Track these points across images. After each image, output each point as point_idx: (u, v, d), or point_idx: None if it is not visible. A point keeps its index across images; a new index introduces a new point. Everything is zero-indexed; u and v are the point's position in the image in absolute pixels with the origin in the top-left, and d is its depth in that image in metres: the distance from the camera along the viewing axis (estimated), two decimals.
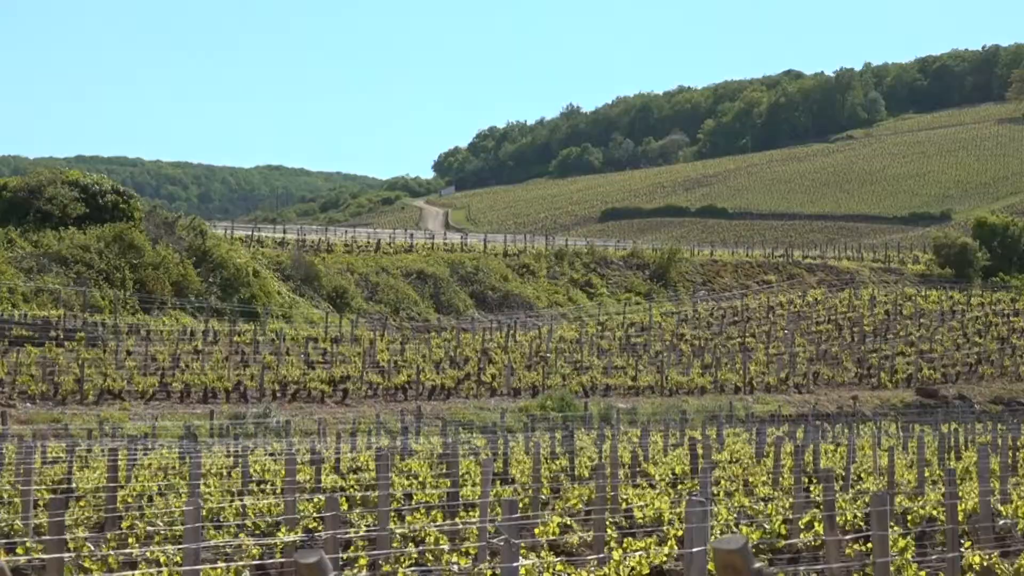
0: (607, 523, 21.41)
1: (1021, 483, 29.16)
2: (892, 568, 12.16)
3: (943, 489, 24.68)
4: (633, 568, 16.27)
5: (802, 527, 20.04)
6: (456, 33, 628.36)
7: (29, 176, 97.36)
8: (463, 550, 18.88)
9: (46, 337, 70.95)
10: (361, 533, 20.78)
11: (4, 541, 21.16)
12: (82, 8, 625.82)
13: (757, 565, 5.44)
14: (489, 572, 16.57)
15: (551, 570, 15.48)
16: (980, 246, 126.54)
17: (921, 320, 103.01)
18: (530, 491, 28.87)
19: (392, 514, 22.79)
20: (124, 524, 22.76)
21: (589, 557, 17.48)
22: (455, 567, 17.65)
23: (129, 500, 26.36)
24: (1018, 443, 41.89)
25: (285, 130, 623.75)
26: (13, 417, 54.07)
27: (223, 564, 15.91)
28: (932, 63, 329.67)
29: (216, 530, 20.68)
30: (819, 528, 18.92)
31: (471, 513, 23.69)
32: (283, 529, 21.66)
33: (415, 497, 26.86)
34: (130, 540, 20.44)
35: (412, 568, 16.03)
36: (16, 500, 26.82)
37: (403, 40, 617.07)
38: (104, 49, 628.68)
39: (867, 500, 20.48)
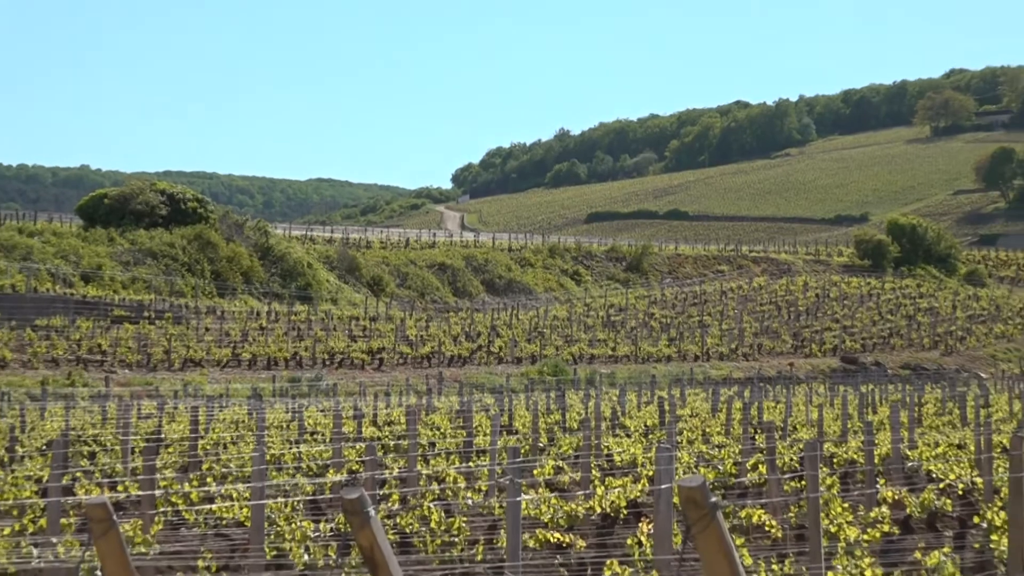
0: (592, 465, 21.41)
1: (925, 433, 29.14)
2: (821, 501, 12.15)
3: (862, 437, 24.65)
4: (613, 502, 16.26)
5: (749, 468, 20.03)
6: (471, 71, 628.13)
7: (125, 187, 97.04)
8: (476, 487, 18.89)
9: (140, 316, 71.01)
10: (394, 474, 20.77)
11: (107, 480, 21.16)
12: (177, 45, 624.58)
13: (713, 499, 5.45)
14: (497, 505, 16.55)
15: (547, 503, 15.47)
16: (892, 242, 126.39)
17: (844, 302, 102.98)
18: (530, 440, 28.88)
19: (419, 458, 22.81)
20: (204, 467, 22.78)
21: (578, 493, 17.45)
22: (469, 501, 17.65)
23: (207, 447, 26.37)
24: (922, 400, 41.92)
25: (332, 149, 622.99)
26: (114, 381, 54.13)
27: (283, 499, 15.90)
28: (854, 95, 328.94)
29: (277, 471, 20.68)
30: (762, 469, 18.90)
31: (482, 458, 23.69)
32: (331, 471, 21.67)
33: (437, 445, 26.86)
34: (208, 480, 20.46)
35: (435, 502, 16.00)
36: (117, 448, 26.86)
37: (430, 76, 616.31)
38: (187, 80, 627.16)
39: (801, 447, 20.47)
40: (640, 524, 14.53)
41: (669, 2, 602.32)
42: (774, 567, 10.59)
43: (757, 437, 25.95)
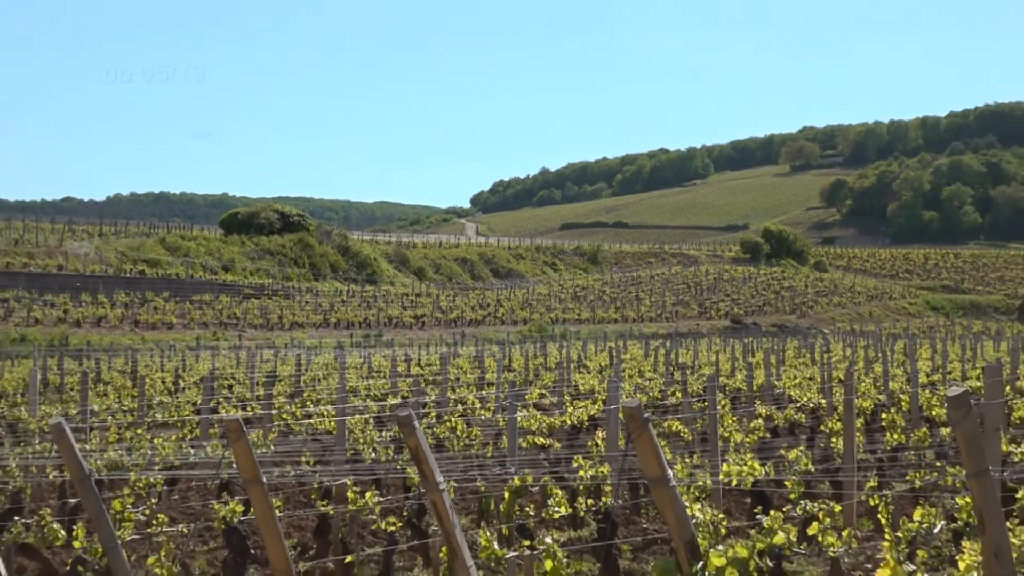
0: (564, 392, 21.40)
1: (787, 370, 29.12)
2: (718, 416, 12.12)
3: (745, 373, 24.65)
4: (579, 417, 16.24)
5: (669, 394, 20.00)
6: (484, 125, 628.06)
7: (251, 207, 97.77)
8: (487, 407, 18.87)
9: (261, 294, 71.22)
10: (431, 399, 20.75)
11: (239, 403, 21.14)
12: (289, 105, 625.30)
13: (645, 415, 5.40)
14: (501, 419, 16.53)
15: (534, 418, 15.43)
16: (765, 242, 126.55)
17: (732, 282, 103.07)
18: (522, 375, 28.88)
19: (448, 388, 22.79)
20: (304, 394, 22.78)
21: (555, 412, 17.43)
22: (482, 416, 17.63)
23: (307, 381, 26.37)
24: (785, 348, 41.93)
25: (391, 179, 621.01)
26: (244, 337, 54.16)
27: (358, 416, 15.87)
28: (739, 144, 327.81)
29: (354, 397, 20.69)
30: (679, 395, 18.89)
31: (490, 388, 23.69)
32: (390, 396, 21.67)
33: (461, 379, 26.88)
34: (308, 403, 20.45)
35: (459, 417, 15.99)
36: (246, 382, 26.85)
37: (455, 129, 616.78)
38: (292, 130, 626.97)
39: (704, 380, 20.43)
40: (597, 432, 14.52)
41: (613, 77, 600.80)
42: (687, 460, 10.56)
43: (675, 373, 25.96)
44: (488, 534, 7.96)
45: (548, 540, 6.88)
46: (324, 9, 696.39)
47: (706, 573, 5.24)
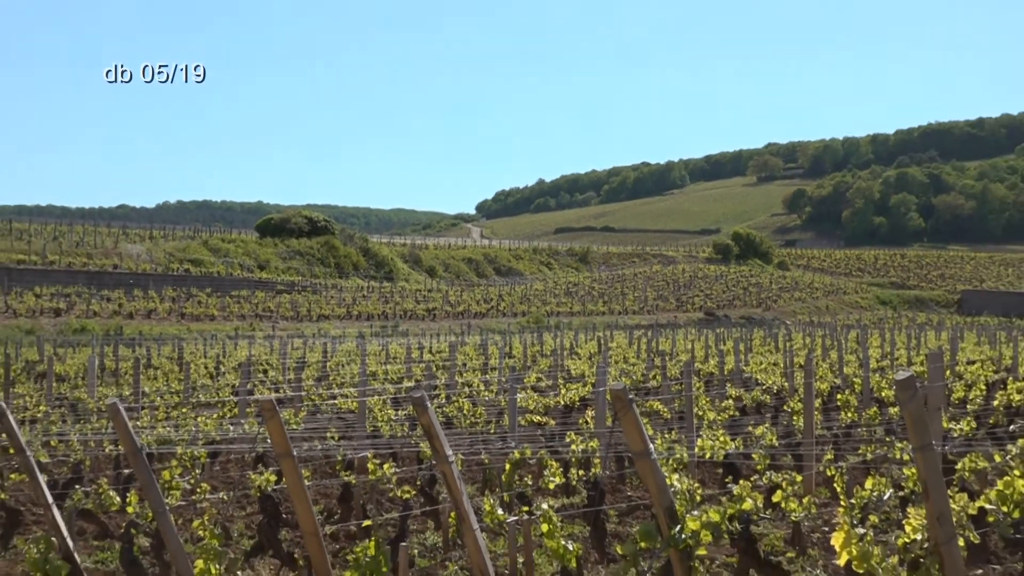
0: (558, 376, 21.42)
1: (754, 356, 29.12)
2: (694, 396, 12.11)
3: (717, 359, 24.68)
4: (571, 397, 16.22)
5: (651, 377, 20.01)
6: (487, 143, 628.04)
7: (283, 213, 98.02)
8: (490, 389, 18.86)
9: (292, 289, 71.03)
10: (441, 382, 20.76)
11: (272, 386, 21.14)
12: (313, 122, 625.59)
13: (630, 396, 5.39)
14: (502, 399, 16.52)
15: (532, 399, 15.43)
16: (735, 244, 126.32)
17: (706, 279, 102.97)
18: (521, 361, 28.85)
19: (456, 373, 22.78)
20: (330, 378, 22.76)
21: (550, 393, 17.44)
22: (486, 397, 17.61)
23: (332, 366, 26.39)
24: (752, 337, 41.90)
25: (406, 189, 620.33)
26: (277, 328, 54.13)
27: (377, 397, 15.86)
28: (712, 158, 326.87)
29: (373, 380, 20.69)
30: (659, 378, 18.89)
31: (493, 372, 23.70)
32: (405, 380, 21.66)
33: (467, 364, 26.86)
34: (333, 385, 20.44)
35: (466, 398, 15.98)
36: (279, 366, 26.85)
37: (462, 146, 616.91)
38: (317, 145, 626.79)
39: (682, 365, 20.45)
40: (587, 411, 14.51)
41: (602, 100, 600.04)
42: (666, 435, 10.55)
43: (655, 359, 25.96)
44: (491, 501, 7.95)
45: (544, 506, 6.87)
46: (354, 43, 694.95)
47: (683, 536, 5.23)
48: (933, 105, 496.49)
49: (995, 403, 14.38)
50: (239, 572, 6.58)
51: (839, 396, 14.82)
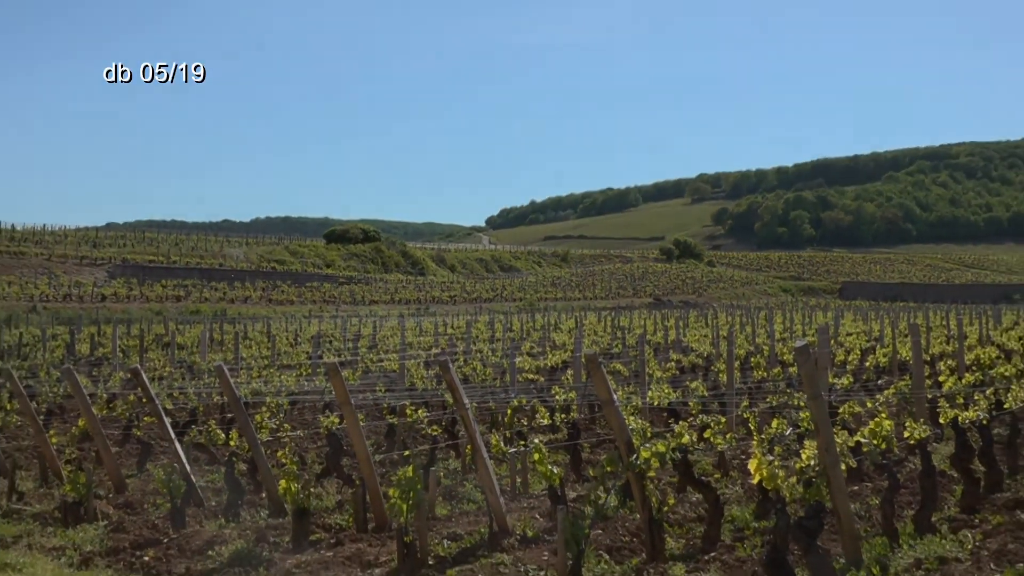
0: (547, 345, 21.37)
1: (690, 330, 28.94)
2: (645, 360, 12.07)
3: (663, 333, 24.60)
4: (556, 361, 16.19)
5: (614, 346, 19.95)
6: (493, 170, 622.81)
7: (343, 225, 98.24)
8: (495, 355, 18.81)
9: (351, 281, 70.80)
10: (460, 350, 20.73)
11: (335, 352, 21.05)
12: (375, 147, 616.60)
13: (599, 359, 5.36)
14: (505, 362, 16.51)
15: (527, 362, 15.39)
16: (676, 248, 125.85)
17: (655, 274, 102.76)
18: (519, 334, 28.82)
19: (471, 342, 22.72)
20: (378, 347, 22.50)
21: (540, 357, 17.39)
22: (493, 361, 17.57)
23: (380, 338, 26.16)
24: (689, 316, 41.75)
25: (434, 205, 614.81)
26: (339, 310, 53.86)
27: (413, 360, 15.83)
28: (659, 184, 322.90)
29: (410, 348, 20.59)
30: (620, 346, 18.85)
31: (498, 342, 23.66)
32: (433, 348, 21.58)
33: (479, 336, 26.81)
34: (380, 352, 20.37)
35: (478, 361, 15.94)
36: (341, 338, 26.54)
37: (477, 169, 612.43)
38: (373, 170, 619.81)
39: (636, 337, 20.40)
40: (567, 371, 14.48)
41: (580, 138, 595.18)
42: (625, 388, 10.54)
43: (617, 333, 25.92)
44: (497, 437, 7.95)
45: (535, 440, 6.85)
46: (398, 88, 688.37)
47: (638, 462, 5.21)
48: (821, 144, 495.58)
49: (867, 364, 14.36)
50: (312, 489, 6.57)
51: (752, 359, 14.80)
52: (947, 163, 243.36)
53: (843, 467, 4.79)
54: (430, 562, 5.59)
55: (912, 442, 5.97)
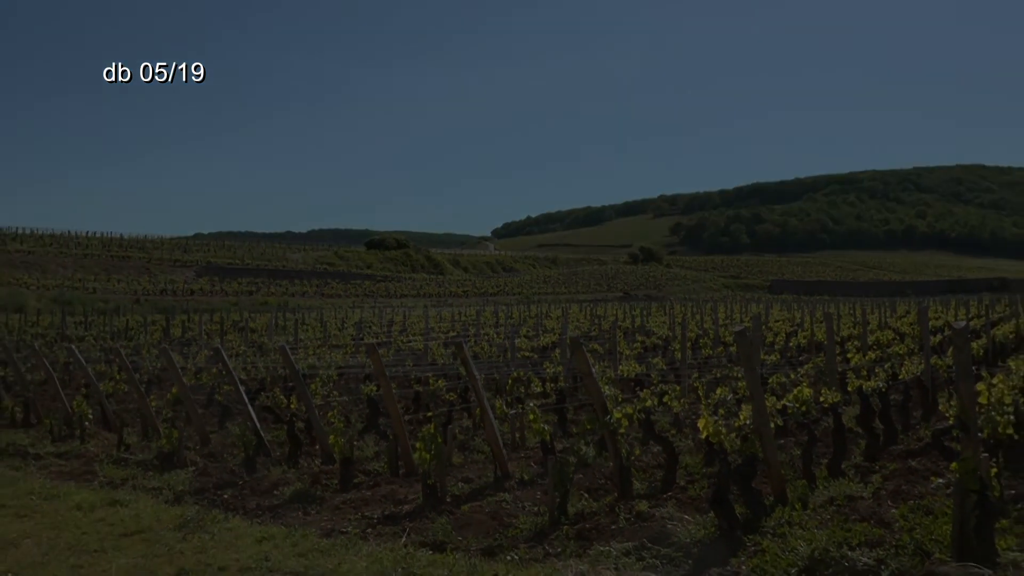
0: (540, 330, 21.31)
1: (652, 317, 28.74)
2: (617, 340, 12.02)
3: (631, 319, 24.48)
4: (547, 342, 16.14)
5: (592, 330, 19.86)
6: (500, 189, 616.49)
7: (380, 235, 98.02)
8: (500, 336, 18.72)
9: (386, 279, 70.38)
10: (471, 333, 20.63)
11: (374, 335, 20.86)
12: (402, 163, 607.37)
13: (580, 341, 5.35)
14: (507, 342, 16.43)
15: (524, 342, 15.32)
16: (641, 254, 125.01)
17: (625, 274, 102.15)
18: (518, 321, 28.72)
19: (480, 327, 22.63)
20: (408, 331, 22.45)
21: (535, 339, 17.35)
22: (497, 342, 17.45)
23: (408, 324, 25.77)
24: (651, 307, 41.47)
25: (451, 218, 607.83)
26: (377, 302, 53.53)
27: (435, 341, 15.69)
28: (629, 203, 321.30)
29: (432, 332, 20.31)
30: (597, 331, 18.77)
31: (501, 327, 23.58)
32: (450, 331, 21.34)
33: (486, 322, 26.69)
34: (409, 334, 20.24)
35: (486, 341, 15.87)
36: (378, 323, 26.48)
37: (485, 190, 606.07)
38: (399, 187, 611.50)
39: (609, 323, 20.31)
40: (556, 350, 14.43)
41: (563, 169, 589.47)
42: (602, 363, 10.51)
43: (595, 320, 25.85)
44: (500, 401, 7.93)
45: (531, 404, 6.85)
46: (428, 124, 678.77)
47: (611, 420, 5.21)
48: (756, 170, 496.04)
49: (791, 344, 14.33)
50: (355, 443, 6.57)
51: (702, 340, 14.77)
52: (854, 186, 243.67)
53: (772, 425, 4.79)
54: (448, 500, 5.61)
55: (826, 405, 5.98)
